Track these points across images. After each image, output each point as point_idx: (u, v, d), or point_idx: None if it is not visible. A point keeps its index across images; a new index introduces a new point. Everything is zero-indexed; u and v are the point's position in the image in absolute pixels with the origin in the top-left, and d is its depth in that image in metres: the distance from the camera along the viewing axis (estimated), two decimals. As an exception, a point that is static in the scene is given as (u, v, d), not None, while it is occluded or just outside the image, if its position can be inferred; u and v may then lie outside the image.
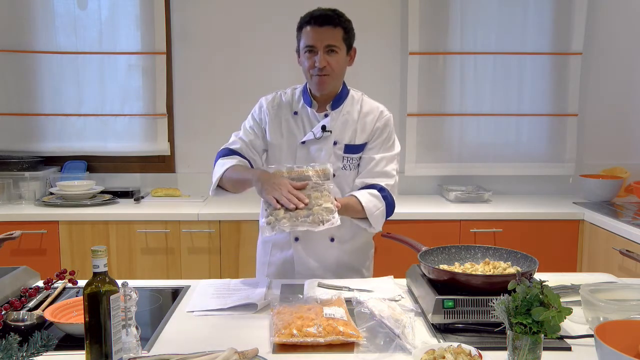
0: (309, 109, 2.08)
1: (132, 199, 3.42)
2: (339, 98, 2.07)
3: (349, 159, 2.07)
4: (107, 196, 3.39)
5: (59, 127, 3.62)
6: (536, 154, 3.68)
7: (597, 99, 3.68)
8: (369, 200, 1.97)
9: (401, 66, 3.64)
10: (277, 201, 1.73)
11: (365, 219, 1.99)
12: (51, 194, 3.41)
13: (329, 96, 2.06)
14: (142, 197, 3.47)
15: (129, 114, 3.63)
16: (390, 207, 2.04)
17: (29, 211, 3.17)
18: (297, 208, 1.70)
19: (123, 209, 3.22)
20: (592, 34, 3.61)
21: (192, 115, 3.68)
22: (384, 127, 2.08)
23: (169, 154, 3.68)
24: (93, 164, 3.67)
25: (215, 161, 2.11)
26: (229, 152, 2.10)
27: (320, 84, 1.99)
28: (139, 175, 3.70)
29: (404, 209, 3.20)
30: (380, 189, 2.02)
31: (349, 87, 2.12)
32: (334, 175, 2.03)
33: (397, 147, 2.13)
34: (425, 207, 3.30)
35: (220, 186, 2.05)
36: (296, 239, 2.08)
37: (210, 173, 3.71)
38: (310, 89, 2.08)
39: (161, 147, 3.65)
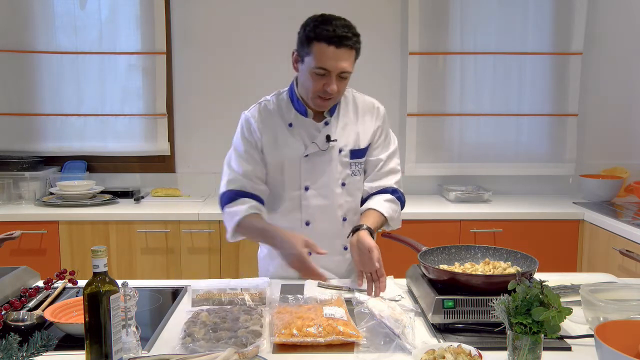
0: (304, 118, 1.95)
1: (132, 199, 3.42)
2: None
3: (356, 164, 2.01)
4: (107, 196, 3.39)
5: (59, 127, 3.62)
6: (536, 154, 3.68)
7: (597, 99, 3.68)
8: (389, 207, 1.97)
9: (401, 66, 3.64)
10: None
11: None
12: (51, 194, 3.41)
13: None
14: (142, 197, 3.47)
15: (129, 114, 3.63)
16: (403, 204, 2.06)
17: (29, 211, 3.17)
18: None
19: (123, 209, 3.22)
20: (592, 34, 3.61)
21: (192, 115, 3.68)
22: (383, 124, 2.05)
23: (169, 154, 3.68)
24: (93, 164, 3.67)
25: (221, 206, 1.96)
26: (235, 196, 1.92)
27: (324, 105, 1.90)
28: (139, 175, 3.70)
29: (404, 208, 3.20)
30: (393, 191, 2.01)
31: None
32: (343, 185, 2.00)
33: (395, 140, 2.10)
34: (425, 207, 3.30)
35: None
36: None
37: (211, 174, 3.73)
38: (300, 96, 1.94)
39: (161, 147, 3.65)
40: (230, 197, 1.93)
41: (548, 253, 3.03)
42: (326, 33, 1.77)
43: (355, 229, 1.87)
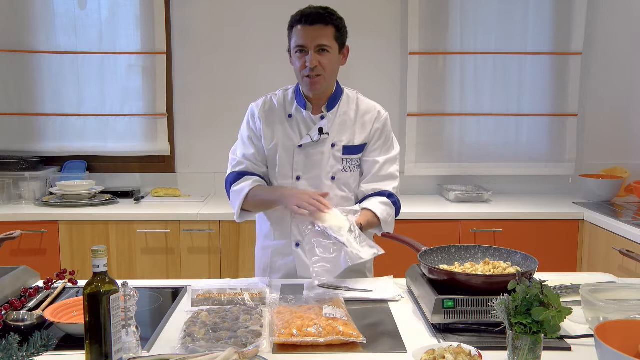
0: (303, 111, 2.04)
1: (132, 199, 3.42)
2: (333, 98, 2.05)
3: (348, 160, 2.05)
4: (107, 196, 3.39)
5: (59, 127, 3.62)
6: (536, 154, 3.68)
7: (597, 99, 3.68)
8: (383, 210, 2.00)
9: (401, 66, 3.64)
10: (300, 208, 1.82)
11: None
12: (51, 194, 3.41)
13: (323, 97, 2.03)
14: (142, 197, 3.47)
15: (129, 114, 3.63)
16: (398, 210, 2.09)
17: (29, 211, 3.17)
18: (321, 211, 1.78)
19: (123, 209, 3.22)
20: (592, 34, 3.61)
21: (192, 115, 3.68)
22: (384, 127, 2.08)
23: (169, 154, 3.68)
24: (93, 164, 3.67)
25: (227, 188, 2.08)
26: (238, 176, 2.05)
27: (312, 84, 1.95)
28: (139, 175, 3.70)
29: (404, 209, 3.19)
30: (389, 195, 2.05)
31: (342, 86, 2.10)
32: (333, 179, 2.04)
33: (397, 147, 2.13)
34: (425, 207, 3.29)
35: (244, 209, 2.04)
36: (297, 245, 2.05)
37: (211, 173, 3.72)
38: (302, 91, 2.04)
39: (161, 147, 3.65)
40: (234, 178, 2.06)
41: (548, 253, 3.03)
42: (299, 17, 1.95)
43: None
